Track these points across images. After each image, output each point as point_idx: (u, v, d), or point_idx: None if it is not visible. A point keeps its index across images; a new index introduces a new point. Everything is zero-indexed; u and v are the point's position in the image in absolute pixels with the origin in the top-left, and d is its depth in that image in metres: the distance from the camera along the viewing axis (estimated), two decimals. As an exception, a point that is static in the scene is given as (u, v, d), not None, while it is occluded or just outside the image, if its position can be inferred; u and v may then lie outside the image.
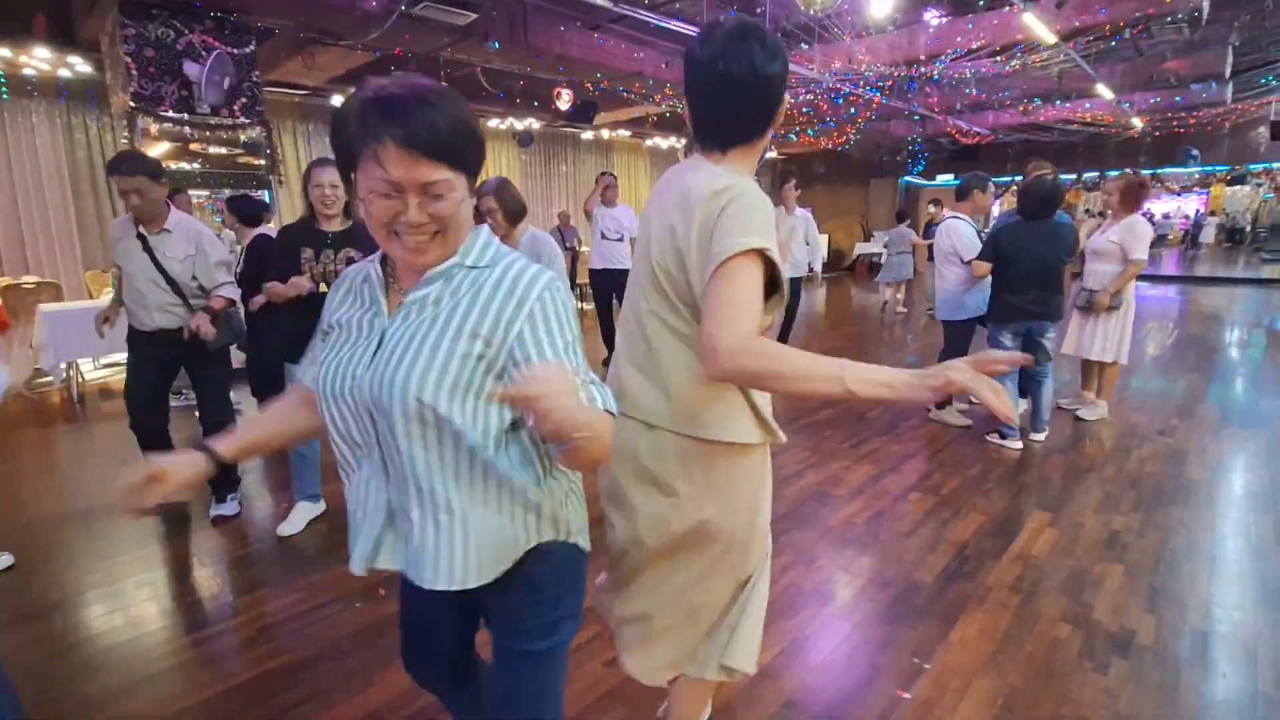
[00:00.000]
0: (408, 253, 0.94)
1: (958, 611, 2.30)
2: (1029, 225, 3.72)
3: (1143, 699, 1.88)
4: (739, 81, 1.16)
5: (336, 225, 2.75)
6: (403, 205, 0.89)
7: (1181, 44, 7.54)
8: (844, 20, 6.66)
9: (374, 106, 0.86)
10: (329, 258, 2.72)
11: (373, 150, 0.86)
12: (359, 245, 2.74)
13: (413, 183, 0.87)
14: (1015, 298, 3.73)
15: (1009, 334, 3.83)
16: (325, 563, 2.70)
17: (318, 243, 2.70)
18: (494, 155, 11.32)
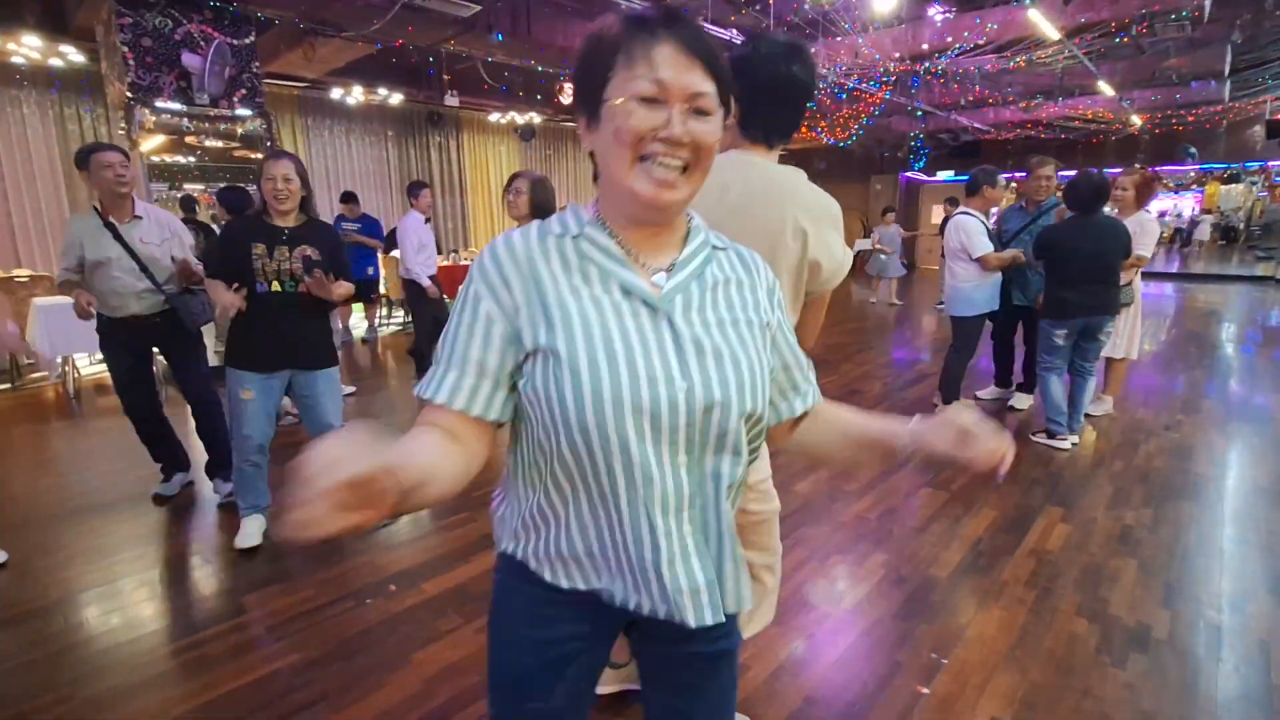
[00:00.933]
0: (654, 185, 0.77)
1: (974, 607, 2.28)
2: (1080, 220, 3.63)
3: (1163, 694, 1.87)
4: (804, 86, 1.33)
5: (291, 220, 2.61)
6: (664, 118, 0.76)
7: (1183, 41, 7.54)
8: (849, 15, 6.63)
9: (652, 13, 0.77)
10: (283, 254, 2.56)
11: (647, 48, 0.75)
12: (316, 242, 2.61)
13: (682, 90, 0.75)
14: (1070, 293, 3.63)
15: (1064, 330, 3.73)
16: (334, 560, 2.66)
17: (270, 238, 2.55)
18: (494, 149, 11.26)
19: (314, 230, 2.64)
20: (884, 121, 11.87)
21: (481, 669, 1.97)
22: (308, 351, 2.70)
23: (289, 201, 2.53)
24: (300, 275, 2.56)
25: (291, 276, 2.56)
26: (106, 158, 2.80)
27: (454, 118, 10.42)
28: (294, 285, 2.57)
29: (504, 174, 11.55)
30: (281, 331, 2.61)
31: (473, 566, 2.59)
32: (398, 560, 2.65)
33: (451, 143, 10.65)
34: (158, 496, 3.22)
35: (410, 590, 2.43)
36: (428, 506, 0.87)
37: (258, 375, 2.62)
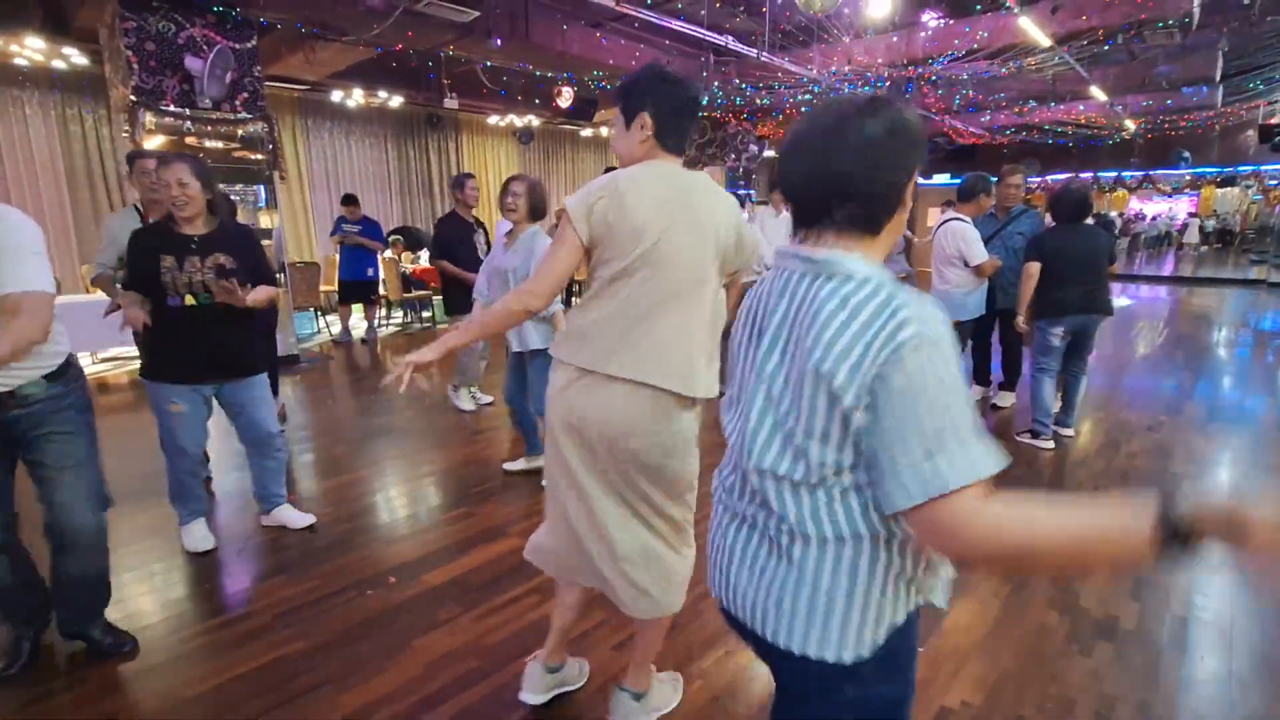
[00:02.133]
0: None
1: (951, 600, 2.37)
2: (1066, 228, 3.77)
3: (1126, 680, 1.97)
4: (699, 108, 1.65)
5: (200, 228, 2.46)
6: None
7: (1173, 48, 7.65)
8: (843, 21, 6.74)
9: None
10: (194, 265, 2.42)
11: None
12: (229, 248, 2.48)
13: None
14: (1064, 293, 3.71)
15: (1060, 330, 3.79)
16: (337, 553, 2.76)
17: (179, 249, 2.41)
18: (493, 151, 11.34)
19: (226, 236, 2.51)
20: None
21: (479, 655, 2.07)
22: (232, 362, 2.61)
23: (189, 208, 2.39)
24: (215, 286, 2.44)
25: (205, 288, 2.45)
26: (145, 164, 2.96)
27: (453, 120, 10.52)
28: (209, 298, 2.45)
29: (503, 176, 11.64)
30: (202, 345, 2.52)
31: (471, 559, 2.68)
32: (398, 553, 2.74)
33: (450, 145, 10.74)
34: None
35: (411, 581, 2.52)
36: None
37: (183, 387, 2.55)
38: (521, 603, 2.37)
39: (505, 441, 4.19)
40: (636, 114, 1.49)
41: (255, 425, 2.74)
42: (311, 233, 9.09)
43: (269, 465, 2.87)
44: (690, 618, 2.27)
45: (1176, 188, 17.25)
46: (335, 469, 3.70)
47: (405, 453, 3.97)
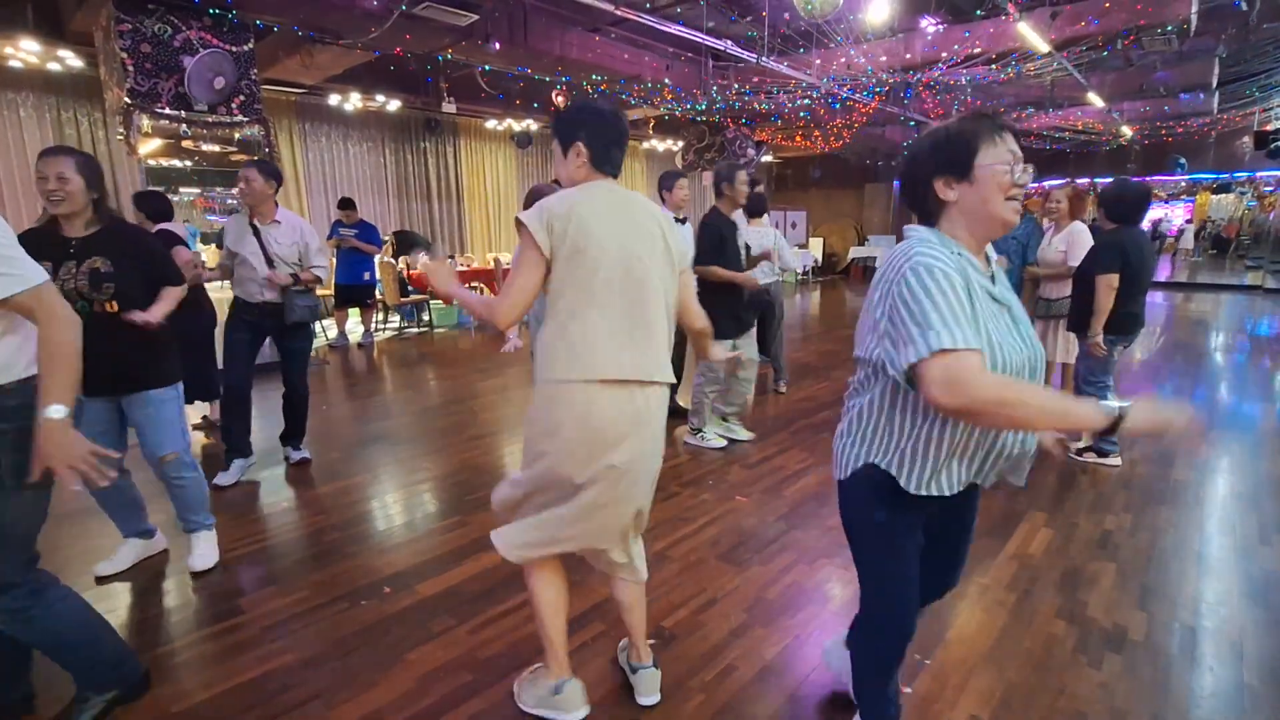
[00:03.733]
0: (1013, 215, 1.30)
1: (956, 609, 2.34)
2: (1133, 232, 3.40)
3: (1136, 693, 1.93)
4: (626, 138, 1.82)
5: (81, 229, 2.25)
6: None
7: (1170, 55, 7.66)
8: (842, 26, 6.73)
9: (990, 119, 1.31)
10: (69, 271, 2.21)
11: (1002, 135, 1.28)
12: (109, 252, 2.26)
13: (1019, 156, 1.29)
14: (1135, 307, 3.44)
15: (1121, 345, 3.54)
16: (329, 562, 2.71)
17: (57, 252, 2.20)
18: (490, 156, 11.31)
19: (109, 238, 2.29)
20: (877, 131, 11.98)
21: (473, 669, 2.02)
22: (123, 374, 2.38)
23: (65, 204, 2.19)
24: (89, 293, 2.24)
25: (79, 295, 2.21)
26: (248, 174, 3.34)
27: (451, 124, 10.48)
28: (87, 305, 2.23)
29: (500, 181, 11.60)
30: (90, 354, 2.16)
31: (466, 569, 2.63)
32: (391, 563, 2.69)
33: (448, 149, 10.70)
34: (215, 487, 3.32)
35: (404, 592, 2.47)
36: None
37: (83, 398, 2.26)
38: (518, 614, 2.32)
39: (502, 448, 4.14)
40: (572, 143, 1.65)
41: (145, 446, 2.49)
42: (308, 237, 9.04)
43: (172, 488, 2.58)
44: (689, 630, 2.23)
45: (1173, 194, 17.30)
46: (330, 475, 3.65)
47: (400, 459, 3.92)
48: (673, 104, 8.85)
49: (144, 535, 2.70)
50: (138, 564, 2.68)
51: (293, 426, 3.80)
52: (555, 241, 1.55)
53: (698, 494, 3.33)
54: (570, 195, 1.60)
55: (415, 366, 6.55)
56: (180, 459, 2.55)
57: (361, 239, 6.98)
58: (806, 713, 1.86)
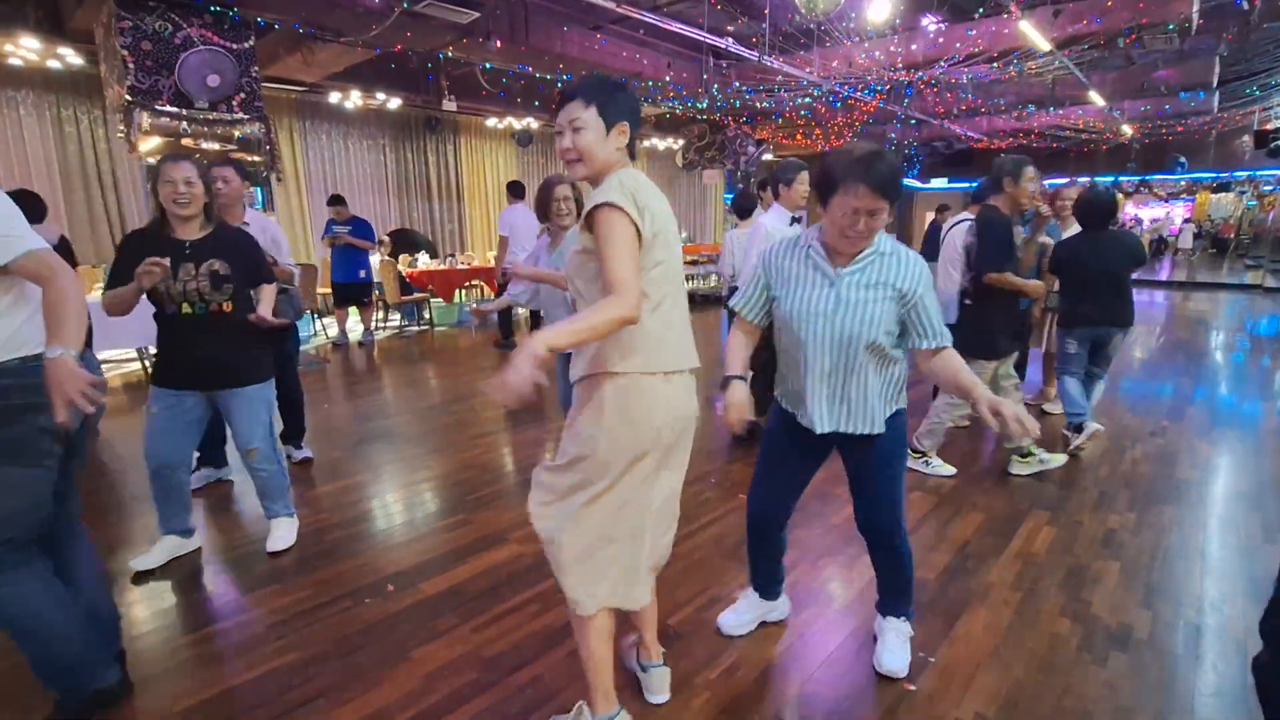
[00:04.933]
0: (848, 245, 1.72)
1: (960, 608, 2.33)
2: (1087, 236, 3.74)
3: (1141, 691, 1.92)
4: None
5: (195, 232, 2.40)
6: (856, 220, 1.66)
7: (1171, 54, 7.67)
8: (844, 24, 6.72)
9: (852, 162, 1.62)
10: (188, 273, 2.35)
11: (857, 190, 1.61)
12: (224, 254, 2.42)
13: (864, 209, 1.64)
14: (1083, 305, 3.75)
15: (1075, 339, 3.82)
16: (334, 559, 2.70)
17: (172, 254, 2.32)
18: (491, 154, 11.30)
19: (221, 241, 2.45)
20: (879, 130, 11.97)
21: (477, 668, 2.01)
22: (224, 371, 2.54)
23: (191, 207, 2.34)
24: (209, 294, 2.40)
25: (200, 296, 2.38)
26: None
27: (451, 123, 10.47)
28: (204, 306, 2.40)
29: (501, 179, 11.59)
30: (195, 352, 2.46)
31: (469, 567, 2.63)
32: (395, 561, 2.68)
33: (448, 148, 10.69)
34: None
35: (408, 590, 2.46)
36: None
37: (166, 391, 2.50)
38: (521, 612, 2.32)
39: (503, 446, 4.14)
40: (618, 122, 1.51)
41: (237, 437, 2.67)
42: (309, 235, 9.02)
43: (256, 478, 2.77)
44: (694, 628, 2.23)
45: (1172, 193, 17.31)
46: (332, 474, 3.64)
47: (403, 458, 3.92)
48: (674, 102, 8.84)
49: (184, 534, 2.73)
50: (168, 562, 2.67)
51: (292, 426, 3.79)
52: (644, 225, 1.45)
53: (701, 492, 3.32)
54: (636, 178, 1.50)
55: (416, 365, 6.54)
56: (264, 451, 2.72)
57: (355, 236, 6.93)
58: (811, 711, 1.86)
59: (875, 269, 1.74)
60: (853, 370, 1.78)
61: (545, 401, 5.16)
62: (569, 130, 1.50)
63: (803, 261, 1.81)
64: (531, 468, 3.74)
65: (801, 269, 1.81)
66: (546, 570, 2.55)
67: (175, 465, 2.59)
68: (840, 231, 1.69)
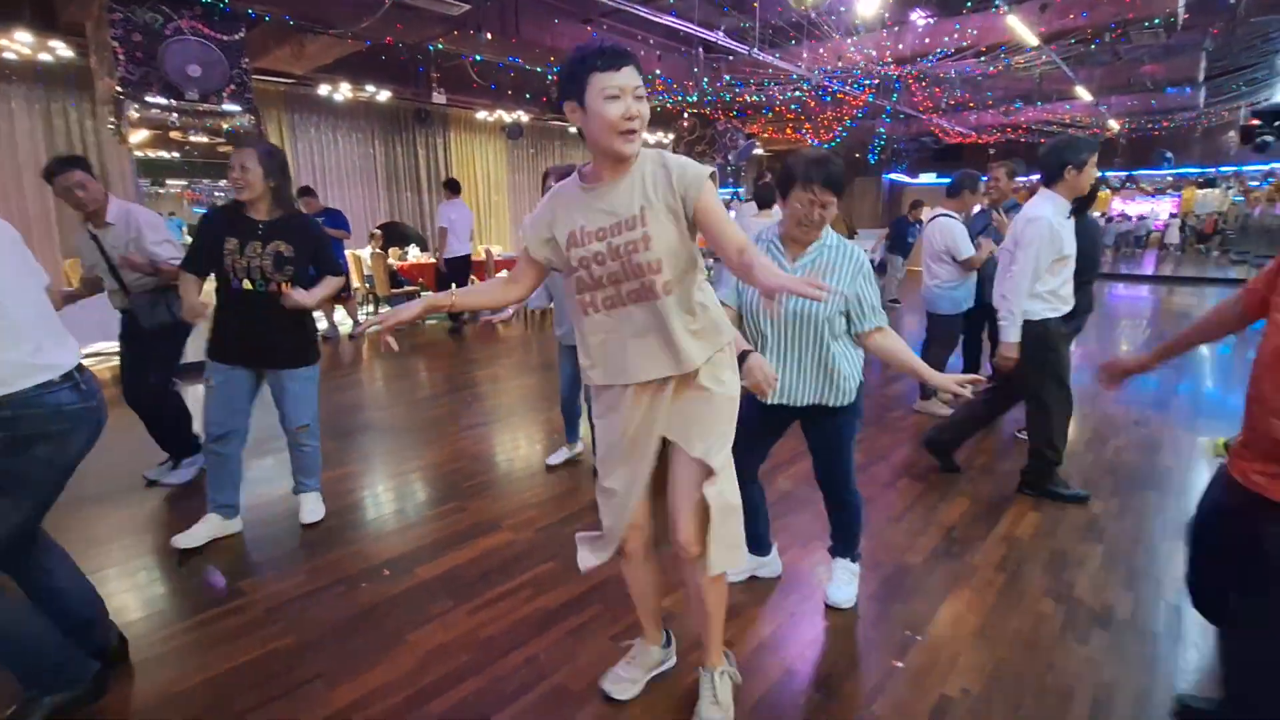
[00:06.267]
0: (805, 236, 1.97)
1: (947, 589, 2.38)
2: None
3: (1122, 668, 1.98)
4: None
5: (265, 214, 2.54)
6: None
7: (1158, 49, 7.74)
8: (833, 19, 6.75)
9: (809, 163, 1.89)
10: (255, 250, 2.49)
11: (810, 186, 1.88)
12: (291, 237, 2.54)
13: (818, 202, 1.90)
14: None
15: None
16: (328, 546, 2.72)
17: (245, 233, 2.50)
18: (481, 147, 11.27)
19: (290, 225, 2.58)
20: (869, 124, 12.02)
21: (472, 649, 2.04)
22: (274, 351, 2.66)
23: (246, 191, 2.47)
24: (271, 273, 2.53)
25: (262, 274, 2.52)
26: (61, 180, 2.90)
27: (441, 115, 10.44)
28: (264, 283, 2.53)
29: (491, 172, 11.57)
30: (249, 329, 2.58)
31: (464, 553, 2.65)
32: (390, 547, 2.70)
33: (438, 140, 10.66)
34: (150, 481, 3.33)
35: (404, 575, 2.49)
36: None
37: (222, 365, 2.61)
38: (516, 596, 2.35)
39: (495, 436, 4.16)
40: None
41: (283, 416, 2.80)
42: (298, 229, 8.98)
43: (298, 453, 2.90)
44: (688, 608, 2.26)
45: (1159, 188, 17.46)
46: (326, 463, 3.61)
47: (394, 448, 3.93)
48: (664, 96, 8.84)
49: (228, 511, 2.77)
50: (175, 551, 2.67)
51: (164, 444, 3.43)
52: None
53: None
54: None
55: (407, 358, 6.54)
56: (313, 429, 2.87)
57: (329, 226, 6.82)
58: (800, 686, 1.90)
59: (823, 259, 1.98)
60: (809, 349, 2.00)
61: (537, 393, 5.18)
62: (631, 98, 1.37)
63: (765, 255, 1.88)
64: (521, 456, 3.78)
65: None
66: (540, 556, 2.60)
67: (234, 434, 2.68)
68: (798, 221, 1.94)
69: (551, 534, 2.81)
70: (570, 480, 3.39)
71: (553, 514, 3.00)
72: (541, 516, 2.98)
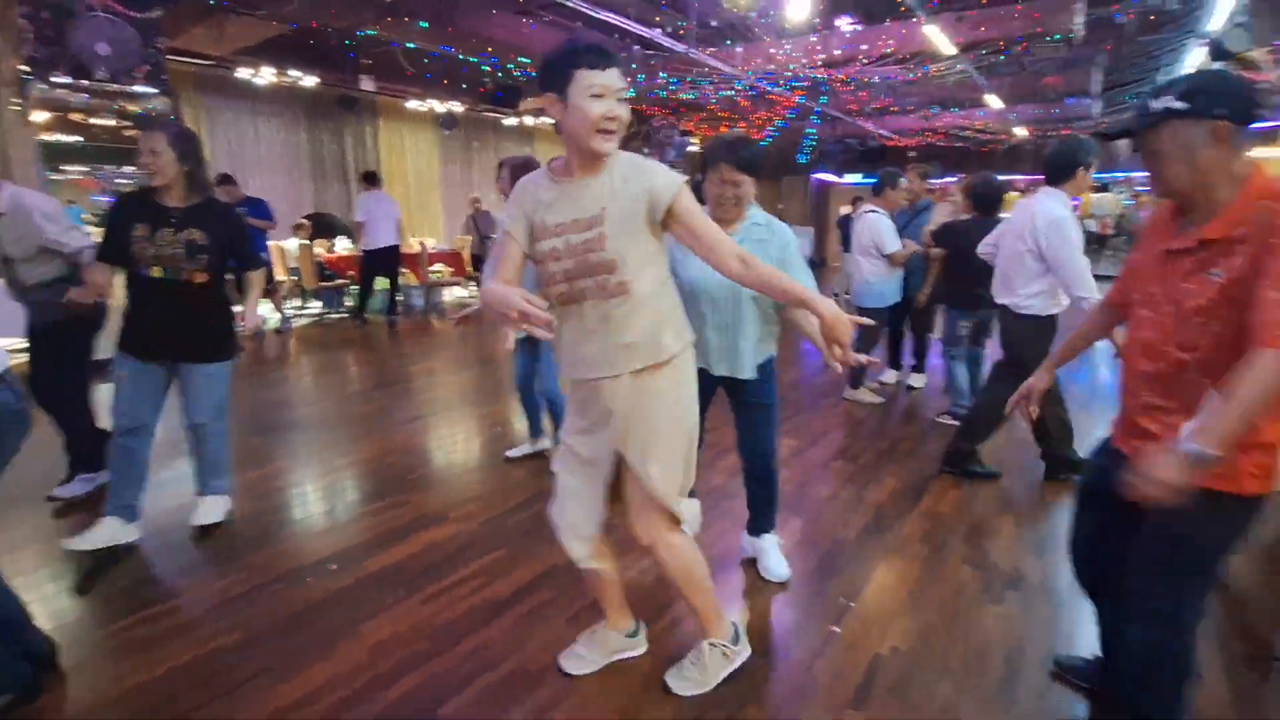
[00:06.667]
0: (725, 213, 2.04)
1: (877, 561, 2.55)
2: (980, 222, 3.98)
3: (1033, 626, 2.18)
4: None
5: (178, 199, 2.41)
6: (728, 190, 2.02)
7: (1059, 62, 8.34)
8: (765, 21, 6.95)
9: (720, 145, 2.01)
10: (165, 237, 2.36)
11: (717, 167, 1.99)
12: (207, 226, 2.42)
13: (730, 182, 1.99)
14: (976, 288, 3.92)
15: (966, 320, 4.15)
16: (267, 543, 2.66)
17: (156, 219, 2.37)
18: (412, 137, 10.99)
19: (205, 213, 2.45)
20: (799, 125, 12.41)
21: (429, 636, 2.05)
22: (186, 344, 2.51)
23: (158, 177, 2.35)
24: (183, 262, 2.40)
25: (174, 263, 2.39)
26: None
27: (370, 103, 10.12)
28: (176, 273, 2.40)
29: (423, 163, 11.30)
30: (161, 320, 2.45)
31: (411, 545, 2.64)
32: (335, 542, 2.66)
33: (367, 129, 10.34)
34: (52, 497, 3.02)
35: (353, 567, 2.46)
36: None
37: (132, 358, 2.47)
38: (467, 584, 2.36)
39: (435, 429, 4.12)
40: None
41: (192, 410, 2.61)
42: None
43: (201, 452, 2.70)
44: (639, 585, 2.33)
45: (1062, 192, 18.70)
46: (254, 461, 3.52)
47: (331, 443, 3.83)
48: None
49: (129, 515, 2.55)
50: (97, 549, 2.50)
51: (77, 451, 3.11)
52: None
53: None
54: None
55: (338, 352, 6.35)
56: (212, 428, 2.67)
57: (251, 216, 6.37)
58: (745, 661, 2.01)
59: (751, 237, 2.03)
60: (737, 324, 2.08)
61: (475, 388, 5.15)
62: (615, 99, 1.42)
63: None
64: (463, 450, 3.76)
65: None
66: (488, 545, 2.63)
67: (144, 429, 2.51)
68: (715, 202, 2.02)
69: (499, 524, 2.83)
70: (517, 472, 3.41)
71: (499, 505, 3.02)
72: (488, 508, 2.99)
